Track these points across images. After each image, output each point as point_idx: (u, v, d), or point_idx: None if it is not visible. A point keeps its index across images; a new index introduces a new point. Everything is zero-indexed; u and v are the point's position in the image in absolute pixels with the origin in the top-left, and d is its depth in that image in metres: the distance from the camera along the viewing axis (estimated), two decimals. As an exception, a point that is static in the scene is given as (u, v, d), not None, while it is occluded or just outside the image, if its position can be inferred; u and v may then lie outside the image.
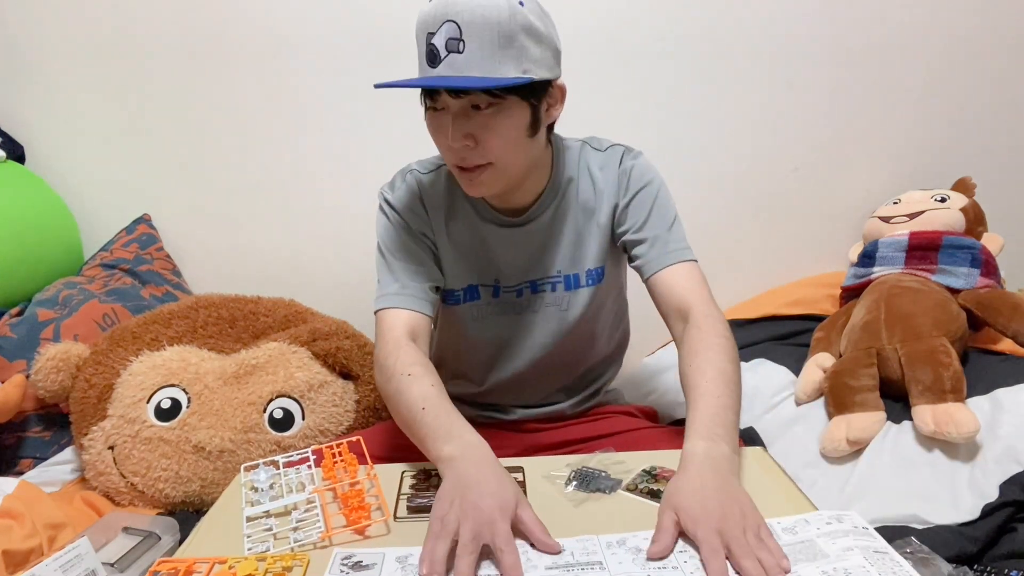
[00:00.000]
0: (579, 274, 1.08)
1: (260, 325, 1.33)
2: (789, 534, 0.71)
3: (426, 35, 0.86)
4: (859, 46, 1.52)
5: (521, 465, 0.90)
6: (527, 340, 1.10)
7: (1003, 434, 1.04)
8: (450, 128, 0.89)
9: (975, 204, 1.43)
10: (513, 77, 0.85)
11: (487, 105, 0.87)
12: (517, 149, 0.92)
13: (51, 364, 1.19)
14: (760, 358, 1.39)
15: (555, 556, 0.70)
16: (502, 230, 1.06)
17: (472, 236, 1.07)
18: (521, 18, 0.84)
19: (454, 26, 0.83)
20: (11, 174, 1.45)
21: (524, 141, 0.92)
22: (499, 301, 1.09)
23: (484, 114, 0.88)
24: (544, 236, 1.06)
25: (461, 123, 0.89)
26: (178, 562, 0.71)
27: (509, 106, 0.88)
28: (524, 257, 1.07)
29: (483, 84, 0.84)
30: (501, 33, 0.83)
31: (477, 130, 0.89)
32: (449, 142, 0.90)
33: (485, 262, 1.07)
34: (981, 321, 1.25)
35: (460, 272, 1.08)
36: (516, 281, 1.08)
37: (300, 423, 1.21)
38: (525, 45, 0.85)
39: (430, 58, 0.86)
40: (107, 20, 1.50)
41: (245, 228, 1.61)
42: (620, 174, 1.05)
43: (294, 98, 1.54)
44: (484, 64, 0.84)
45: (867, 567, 0.63)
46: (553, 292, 1.08)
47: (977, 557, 0.96)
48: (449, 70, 0.84)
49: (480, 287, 1.09)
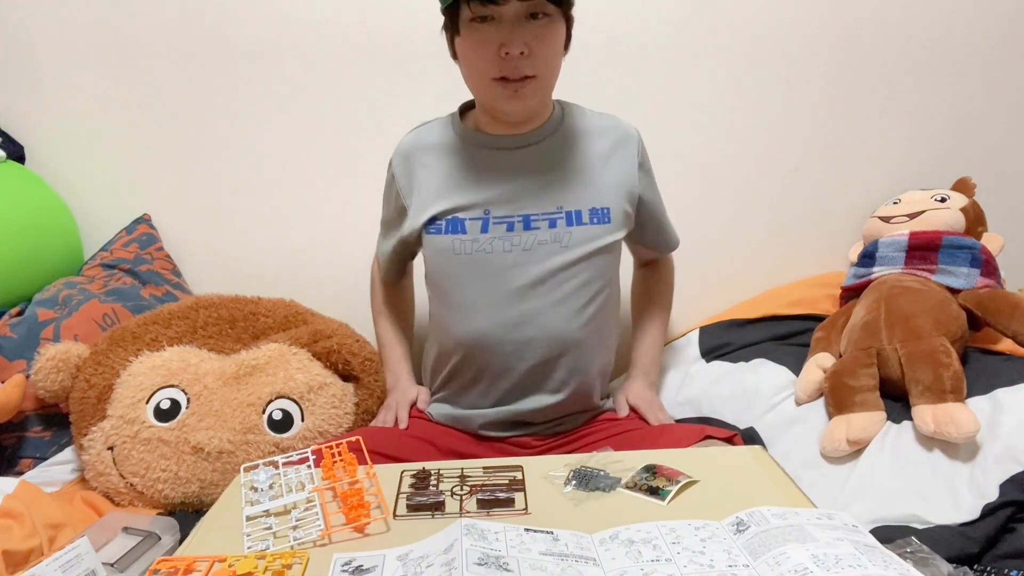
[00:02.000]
0: (580, 211, 1.06)
1: (260, 326, 1.33)
2: (779, 519, 0.71)
3: None
4: (859, 46, 1.52)
5: (520, 464, 0.90)
6: (517, 280, 1.06)
7: (1003, 434, 1.04)
8: (511, 35, 0.92)
9: (975, 204, 1.43)
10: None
11: (542, 15, 0.92)
12: (557, 63, 0.98)
13: (51, 364, 1.19)
14: (760, 358, 1.39)
15: (549, 543, 0.70)
16: (492, 152, 1.07)
17: (459, 164, 1.08)
18: None
19: None
20: (11, 174, 1.45)
21: (560, 57, 0.98)
22: (489, 236, 1.05)
23: (538, 24, 0.92)
24: (538, 163, 1.06)
25: (520, 32, 0.92)
26: (178, 561, 0.71)
27: (557, 18, 0.94)
28: (517, 185, 1.06)
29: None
30: None
31: (531, 40, 0.93)
32: (510, 48, 0.92)
33: (472, 190, 1.06)
34: (981, 321, 1.25)
35: (440, 200, 1.08)
36: (508, 212, 1.06)
37: (299, 424, 1.21)
38: None
39: None
40: (107, 20, 1.50)
41: (245, 228, 1.61)
42: (639, 142, 1.14)
43: (294, 98, 1.54)
44: None
45: (857, 555, 0.63)
46: (552, 228, 1.06)
47: (977, 557, 0.96)
48: None
49: (466, 220, 1.06)
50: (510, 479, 0.86)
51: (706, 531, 0.72)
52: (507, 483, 0.85)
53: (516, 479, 0.86)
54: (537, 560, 0.67)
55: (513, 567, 0.65)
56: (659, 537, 0.71)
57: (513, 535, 0.72)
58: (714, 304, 1.59)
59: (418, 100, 1.50)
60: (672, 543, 0.69)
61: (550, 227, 1.05)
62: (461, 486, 0.86)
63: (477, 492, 0.83)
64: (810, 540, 0.66)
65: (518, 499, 0.82)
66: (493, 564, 0.65)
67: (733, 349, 1.44)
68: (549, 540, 0.71)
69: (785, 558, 0.64)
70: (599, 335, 1.14)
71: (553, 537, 0.72)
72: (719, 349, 1.45)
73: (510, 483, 0.85)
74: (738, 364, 1.40)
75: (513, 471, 0.88)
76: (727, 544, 0.69)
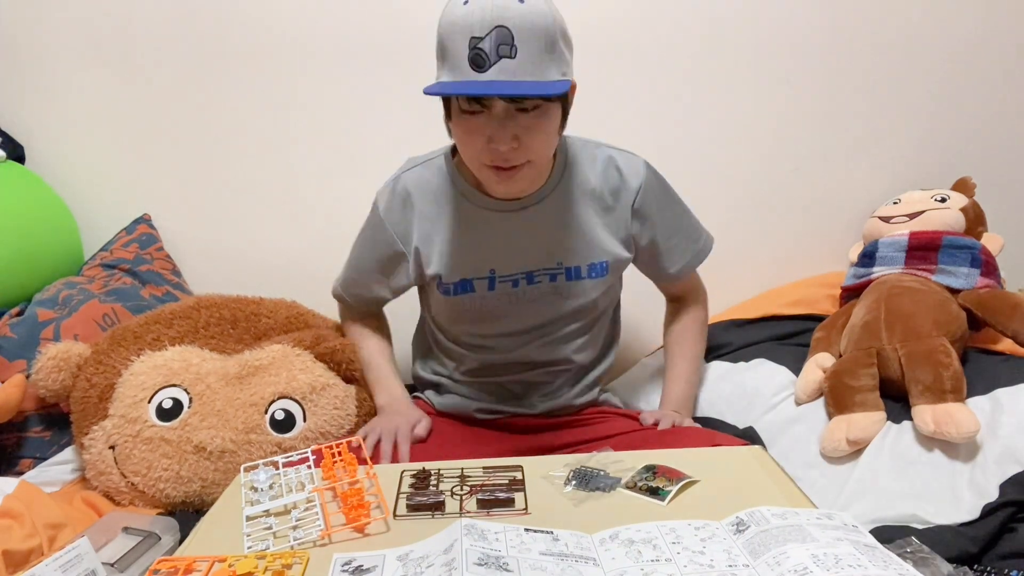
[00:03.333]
0: (579, 267, 1.09)
1: (262, 326, 1.33)
2: (779, 519, 0.71)
3: (470, 39, 0.86)
4: (860, 46, 1.52)
5: (520, 464, 0.90)
6: (518, 325, 1.13)
7: (1003, 434, 1.04)
8: (499, 131, 0.91)
9: (975, 204, 1.43)
10: (558, 80, 0.89)
11: (533, 108, 0.91)
12: (551, 146, 0.99)
13: (52, 363, 1.19)
14: (760, 358, 1.39)
15: (549, 543, 0.70)
16: (495, 215, 1.08)
17: (463, 226, 1.09)
18: (561, 24, 0.90)
19: (506, 32, 0.85)
20: (11, 174, 1.45)
21: (555, 138, 0.98)
22: (495, 294, 1.10)
23: (529, 116, 0.91)
24: (540, 222, 1.08)
25: (509, 126, 0.91)
26: (178, 561, 0.71)
27: (549, 107, 0.93)
28: (520, 244, 1.08)
29: (543, 91, 0.88)
30: (547, 39, 0.87)
31: (522, 132, 0.92)
32: (497, 145, 0.92)
33: (478, 252, 1.09)
34: (981, 321, 1.25)
35: (450, 265, 1.10)
36: (512, 270, 1.09)
37: (301, 425, 1.21)
38: (563, 49, 0.91)
39: (477, 63, 0.87)
40: (107, 20, 1.50)
41: (245, 228, 1.61)
42: (638, 190, 1.10)
43: (295, 98, 1.54)
44: (534, 69, 0.87)
45: (857, 555, 0.63)
46: (552, 282, 1.10)
47: (977, 557, 0.96)
48: (501, 75, 0.86)
49: (474, 280, 1.10)
50: (510, 479, 0.86)
51: (706, 531, 0.72)
52: (507, 483, 0.85)
53: (516, 479, 0.86)
54: (537, 560, 0.67)
55: (513, 567, 0.65)
56: (659, 537, 0.71)
57: (513, 535, 0.72)
58: (714, 304, 1.58)
59: (418, 100, 1.50)
60: (672, 543, 0.69)
61: (551, 280, 1.10)
62: (461, 486, 0.86)
63: (477, 492, 0.83)
64: (810, 540, 0.66)
65: (518, 499, 0.82)
66: (493, 564, 0.65)
67: (733, 349, 1.44)
68: (549, 540, 0.71)
69: (785, 558, 0.64)
70: (596, 349, 1.21)
71: (553, 537, 0.72)
72: (719, 349, 1.45)
73: (510, 483, 0.85)
74: (738, 364, 1.40)
75: (513, 471, 0.88)
76: (727, 544, 0.69)
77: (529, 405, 1.17)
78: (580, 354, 1.16)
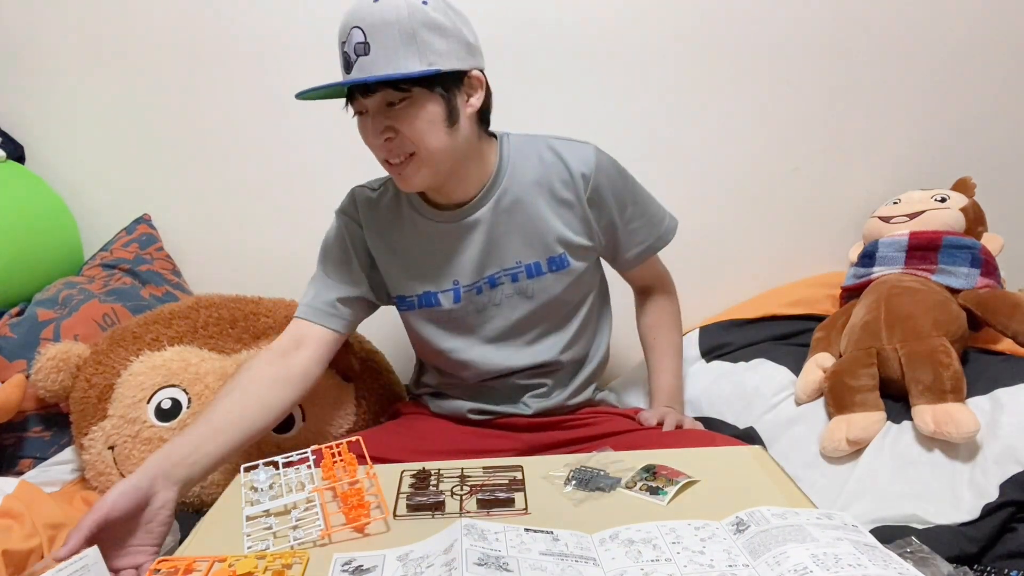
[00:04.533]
0: (539, 262, 1.09)
1: (261, 326, 1.33)
2: (779, 519, 0.71)
3: (340, 44, 0.95)
4: (859, 46, 1.52)
5: (520, 464, 0.90)
6: (490, 330, 1.12)
7: (1003, 434, 1.04)
8: (371, 126, 0.97)
9: (975, 204, 1.43)
10: (417, 71, 0.91)
11: (399, 100, 0.94)
12: (436, 138, 0.98)
13: (51, 364, 1.19)
14: (760, 358, 1.39)
15: (549, 543, 0.70)
16: (448, 226, 1.08)
17: (421, 241, 1.10)
18: (421, 15, 0.92)
19: (360, 31, 0.92)
20: (11, 174, 1.45)
21: (443, 130, 0.98)
22: (461, 305, 1.10)
23: (397, 108, 0.95)
24: (492, 226, 1.08)
25: (379, 120, 0.97)
26: (178, 561, 0.71)
27: (419, 97, 0.95)
28: (477, 251, 1.08)
29: (383, 78, 0.91)
30: (401, 31, 0.91)
31: (393, 123, 0.96)
32: (372, 139, 0.98)
33: (438, 266, 1.10)
34: (981, 321, 1.25)
35: (410, 280, 1.11)
36: (474, 278, 1.09)
37: (300, 424, 1.21)
38: (428, 40, 0.92)
39: (345, 65, 0.96)
40: (107, 20, 1.50)
41: (245, 228, 1.61)
42: (596, 171, 1.08)
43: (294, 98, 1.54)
44: (389, 62, 0.91)
45: (857, 555, 0.63)
46: (514, 283, 1.10)
47: (977, 557, 0.96)
48: (360, 72, 0.93)
49: (438, 293, 1.11)
50: (510, 479, 0.86)
51: (706, 531, 0.72)
52: (507, 483, 0.85)
53: (516, 479, 0.86)
54: (537, 560, 0.67)
55: (513, 567, 0.65)
56: (659, 537, 0.71)
57: (513, 535, 0.72)
58: (714, 304, 1.59)
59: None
60: (672, 543, 0.69)
61: (513, 281, 1.10)
62: (461, 486, 0.86)
63: (477, 492, 0.83)
64: (810, 540, 0.66)
65: (518, 499, 0.82)
66: (493, 564, 0.65)
67: (733, 349, 1.44)
68: (549, 540, 0.71)
69: (785, 558, 0.64)
70: (581, 346, 1.18)
71: (553, 537, 0.72)
72: (719, 349, 1.46)
73: (510, 483, 0.85)
74: (738, 364, 1.40)
75: (513, 471, 0.88)
76: (727, 544, 0.69)
77: (523, 406, 1.16)
78: (565, 353, 1.14)
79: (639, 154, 1.20)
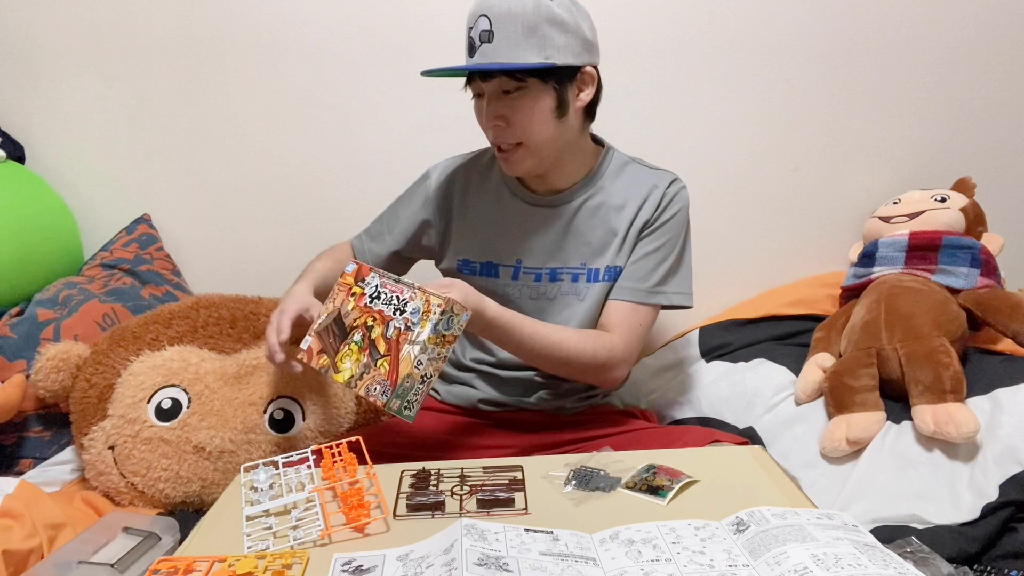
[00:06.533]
0: (599, 269, 1.11)
1: (261, 325, 1.33)
2: (779, 519, 0.71)
3: (468, 29, 1.00)
4: (860, 46, 1.52)
5: (520, 464, 0.90)
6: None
7: (1003, 434, 1.04)
8: (489, 109, 1.02)
9: (975, 204, 1.43)
10: (535, 63, 0.96)
11: (514, 88, 0.99)
12: (545, 129, 1.03)
13: (51, 364, 1.19)
14: (760, 358, 1.39)
15: (549, 543, 0.70)
16: (530, 208, 1.13)
17: (500, 212, 1.14)
18: (545, 10, 0.96)
19: (486, 19, 0.97)
20: (11, 174, 1.45)
21: (552, 122, 1.03)
22: (518, 284, 1.13)
23: (512, 96, 1.00)
24: (571, 222, 1.11)
25: (494, 105, 1.02)
26: (178, 561, 0.71)
27: (533, 88, 1.00)
28: (549, 240, 1.12)
29: (501, 66, 0.97)
30: (525, 24, 0.95)
31: (506, 111, 1.01)
32: (486, 123, 1.04)
33: (509, 240, 1.13)
34: (981, 321, 1.25)
35: (477, 245, 1.15)
36: (538, 264, 1.12)
37: (300, 424, 1.21)
38: (548, 34, 0.97)
39: (469, 49, 1.01)
40: (107, 20, 1.50)
41: (245, 228, 1.61)
42: (664, 194, 1.12)
43: (295, 97, 1.54)
44: (510, 52, 0.96)
45: (857, 555, 0.63)
46: (574, 283, 1.12)
47: (977, 557, 0.96)
48: (482, 58, 0.98)
49: (500, 266, 1.14)
50: (510, 479, 0.86)
51: (706, 531, 0.72)
52: (507, 483, 0.85)
53: (516, 479, 0.86)
54: (537, 560, 0.67)
55: (513, 567, 0.65)
56: (659, 537, 0.71)
57: (513, 535, 0.72)
58: (714, 304, 1.59)
59: (418, 100, 1.50)
60: (672, 543, 0.69)
61: (572, 281, 1.12)
62: (461, 486, 0.86)
63: (477, 492, 0.83)
64: (810, 540, 0.66)
65: (518, 499, 0.82)
66: (493, 564, 0.65)
67: (733, 349, 1.45)
68: (549, 540, 0.71)
69: (785, 558, 0.64)
70: None
71: (553, 537, 0.72)
72: (719, 349, 1.46)
73: (510, 483, 0.85)
74: (738, 364, 1.40)
75: (513, 471, 0.88)
76: (727, 544, 0.69)
77: (535, 400, 1.16)
78: None
79: (639, 154, 1.20)
